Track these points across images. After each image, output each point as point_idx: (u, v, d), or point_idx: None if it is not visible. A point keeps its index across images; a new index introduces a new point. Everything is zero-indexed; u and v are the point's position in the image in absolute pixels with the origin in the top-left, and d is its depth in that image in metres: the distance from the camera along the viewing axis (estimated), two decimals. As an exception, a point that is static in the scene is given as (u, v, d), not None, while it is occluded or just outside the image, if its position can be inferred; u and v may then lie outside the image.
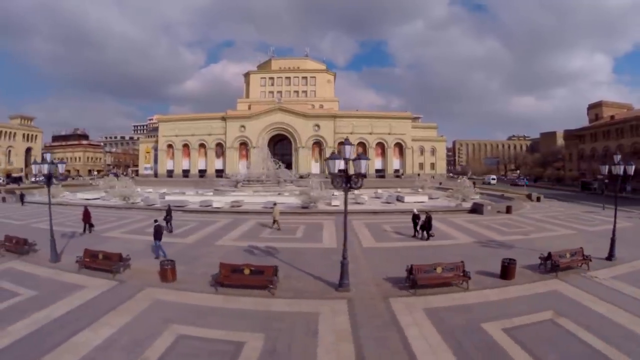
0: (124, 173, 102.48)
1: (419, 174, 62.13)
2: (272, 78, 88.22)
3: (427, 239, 17.27)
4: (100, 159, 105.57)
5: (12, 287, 10.76)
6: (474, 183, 42.45)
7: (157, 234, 13.94)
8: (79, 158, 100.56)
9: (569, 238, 18.03)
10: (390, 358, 7.03)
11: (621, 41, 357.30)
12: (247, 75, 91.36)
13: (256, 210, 27.18)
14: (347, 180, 9.15)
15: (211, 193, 40.46)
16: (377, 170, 71.29)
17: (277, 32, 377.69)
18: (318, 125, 70.22)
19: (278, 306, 9.35)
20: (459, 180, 30.49)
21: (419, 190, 45.03)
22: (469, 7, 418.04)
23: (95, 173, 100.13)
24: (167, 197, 34.55)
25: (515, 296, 10.13)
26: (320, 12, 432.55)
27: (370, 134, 70.44)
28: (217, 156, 75.16)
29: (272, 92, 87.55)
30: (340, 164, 9.10)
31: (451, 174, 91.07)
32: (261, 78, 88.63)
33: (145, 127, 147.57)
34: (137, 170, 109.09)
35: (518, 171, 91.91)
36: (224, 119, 73.44)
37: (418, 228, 17.83)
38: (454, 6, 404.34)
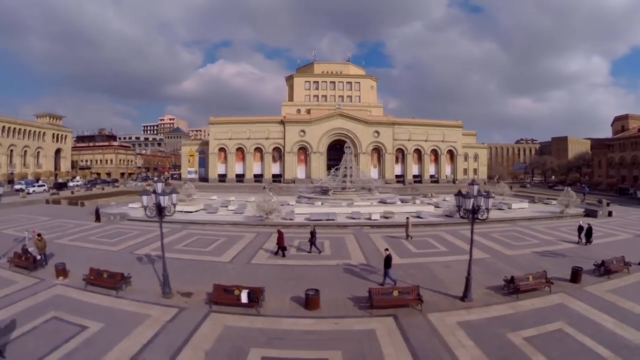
0: (156, 176, 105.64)
1: (484, 182, 73.15)
2: (316, 82, 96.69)
3: (586, 243, 23.40)
4: (131, 161, 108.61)
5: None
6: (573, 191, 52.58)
7: (388, 262, 15.15)
8: (111, 160, 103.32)
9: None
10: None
11: (618, 44, 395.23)
12: (289, 78, 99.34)
13: (412, 222, 26.39)
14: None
15: (320, 202, 41.83)
16: (431, 176, 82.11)
17: (274, 33, 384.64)
18: (378, 132, 79.82)
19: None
20: (564, 190, 40.76)
21: (494, 196, 55.40)
22: (467, 9, 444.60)
23: (153, 176, 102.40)
24: (297, 210, 34.38)
25: None
26: (318, 13, 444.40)
27: (426, 141, 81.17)
28: (274, 161, 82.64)
29: (316, 96, 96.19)
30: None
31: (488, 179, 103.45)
32: (305, 82, 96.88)
33: (156, 127, 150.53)
34: (173, 174, 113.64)
35: (554, 177, 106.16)
36: (282, 122, 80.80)
37: (582, 236, 24.09)
38: (452, 8, 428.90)
